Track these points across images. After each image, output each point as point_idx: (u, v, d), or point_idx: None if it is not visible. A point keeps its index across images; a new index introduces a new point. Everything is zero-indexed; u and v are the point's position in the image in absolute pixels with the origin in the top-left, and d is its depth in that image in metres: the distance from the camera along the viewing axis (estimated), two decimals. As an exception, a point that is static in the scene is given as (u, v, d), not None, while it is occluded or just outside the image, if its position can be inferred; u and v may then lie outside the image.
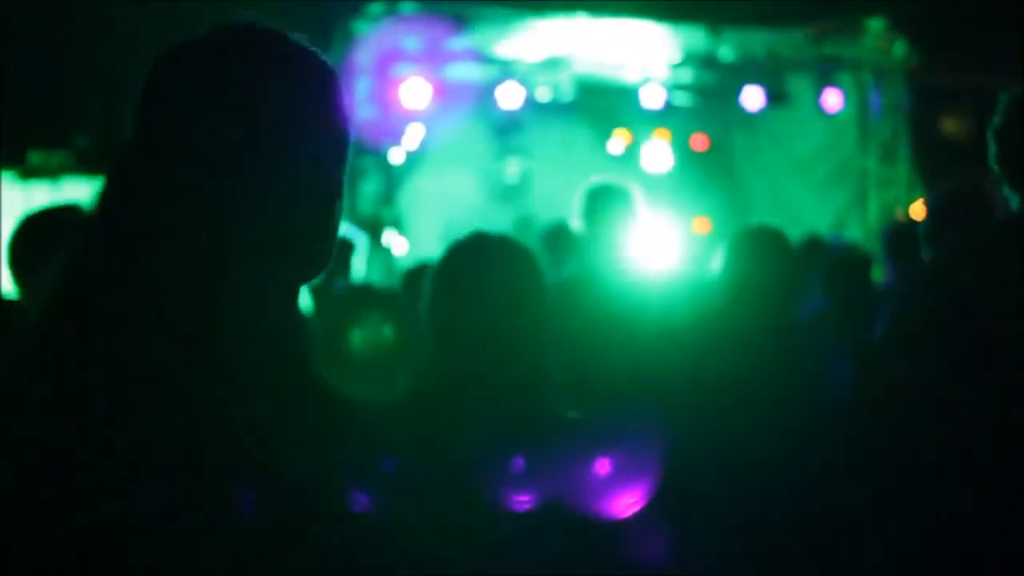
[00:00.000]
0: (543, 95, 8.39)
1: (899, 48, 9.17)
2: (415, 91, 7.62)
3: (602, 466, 1.75)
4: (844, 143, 9.66)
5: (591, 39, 8.33)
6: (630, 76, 8.62)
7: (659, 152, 9.20)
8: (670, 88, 8.72)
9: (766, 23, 8.57)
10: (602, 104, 9.18)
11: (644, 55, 8.55)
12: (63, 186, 6.82)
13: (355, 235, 4.82)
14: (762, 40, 8.73)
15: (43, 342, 1.05)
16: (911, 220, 6.12)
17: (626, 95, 8.70)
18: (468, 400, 1.85)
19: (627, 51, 8.49)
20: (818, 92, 8.79)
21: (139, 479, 0.96)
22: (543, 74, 8.32)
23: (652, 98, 8.55)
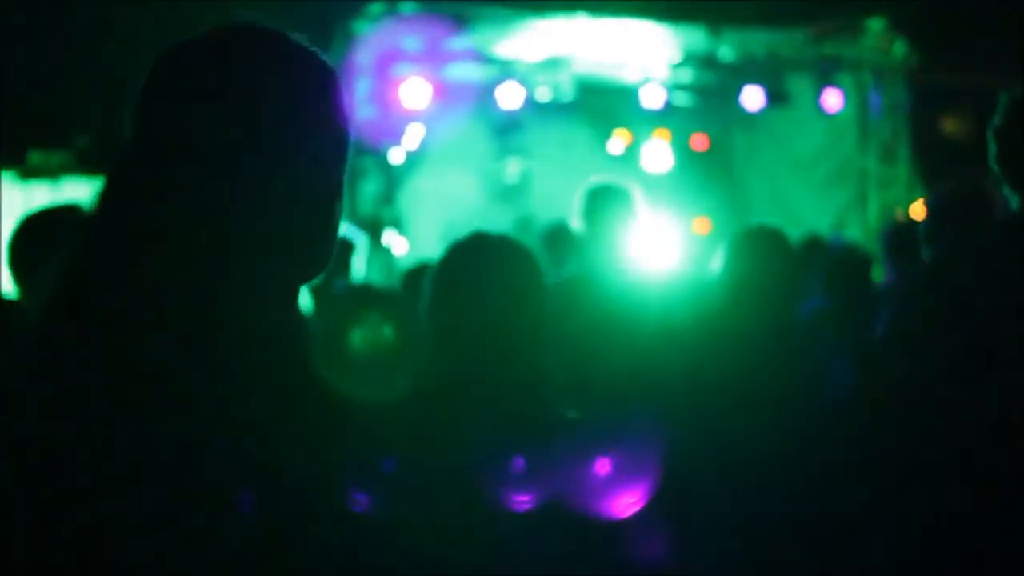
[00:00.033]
0: (543, 95, 8.39)
1: (899, 48, 9.17)
2: (415, 91, 7.62)
3: (602, 466, 1.75)
4: (844, 143, 9.66)
5: (591, 39, 8.33)
6: (630, 76, 8.62)
7: (659, 152, 9.20)
8: (670, 88, 8.72)
9: (766, 23, 8.56)
10: (602, 104, 9.18)
11: (644, 55, 8.55)
12: (63, 186, 6.82)
13: (355, 235, 4.82)
14: (762, 40, 8.73)
15: (43, 342, 1.05)
16: (911, 220, 6.12)
17: (626, 95, 8.70)
18: (468, 400, 1.85)
19: (627, 51, 8.49)
20: (818, 92, 8.79)
21: (139, 479, 0.96)
22: (543, 74, 8.32)
23: (652, 98, 8.55)
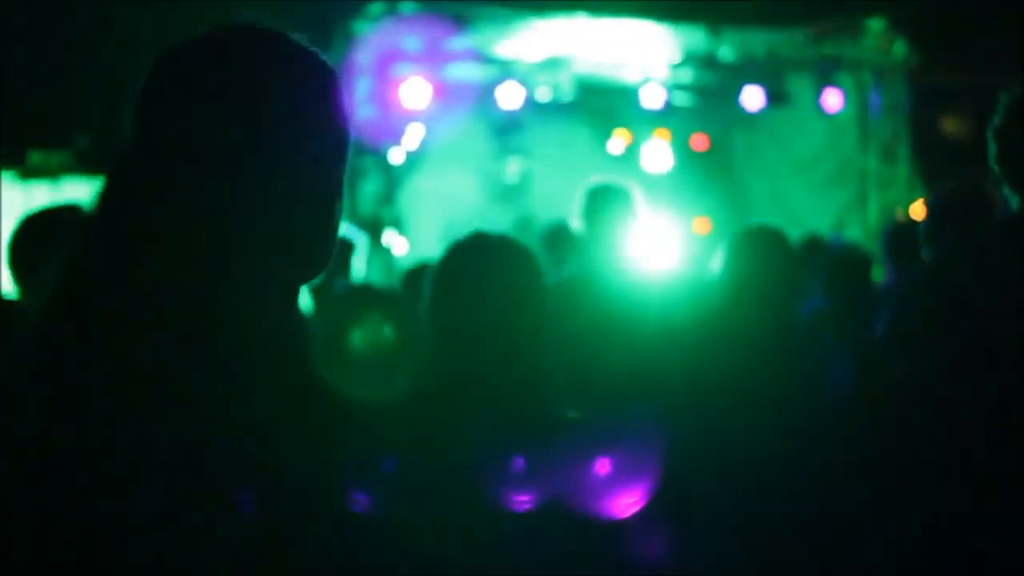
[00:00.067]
0: (543, 95, 8.39)
1: (899, 48, 9.17)
2: (415, 91, 7.62)
3: (602, 466, 1.75)
4: (844, 143, 9.66)
5: (591, 39, 8.33)
6: (630, 76, 8.62)
7: (659, 152, 9.20)
8: (670, 88, 8.72)
9: (766, 23, 8.56)
10: (602, 104, 9.18)
11: (644, 55, 8.55)
12: (63, 186, 6.82)
13: (355, 235, 4.82)
14: (762, 40, 8.73)
15: (43, 342, 1.05)
16: (911, 220, 6.12)
17: (626, 95, 8.70)
18: (468, 400, 1.85)
19: (627, 51, 8.49)
20: (818, 92, 8.79)
21: (139, 479, 0.96)
22: (543, 74, 8.32)
23: (652, 98, 8.55)
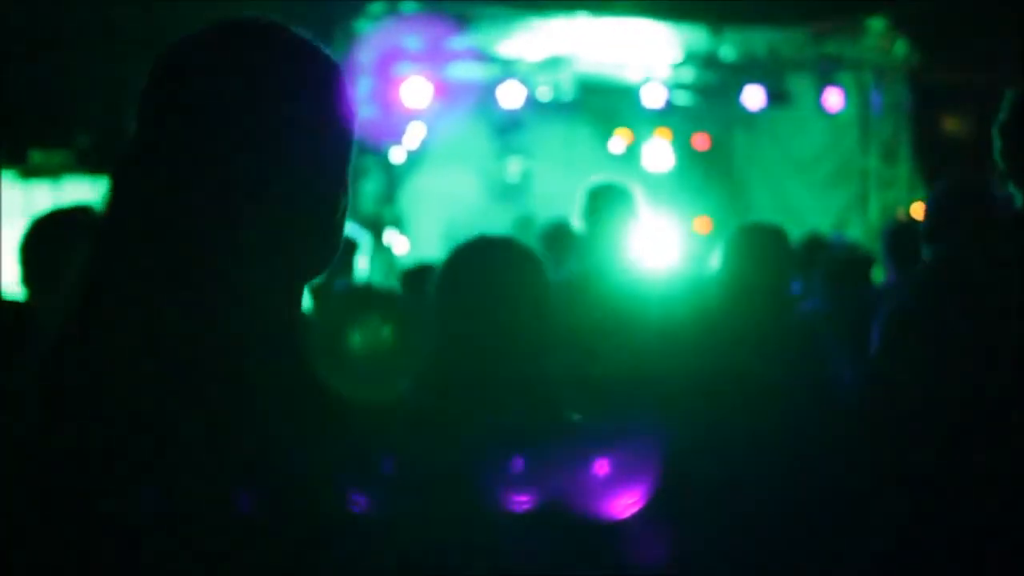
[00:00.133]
0: (544, 94, 8.39)
1: (900, 47, 9.17)
2: (416, 90, 7.62)
3: (602, 467, 1.75)
4: (845, 143, 9.66)
5: (592, 38, 8.33)
6: (631, 75, 8.62)
7: (660, 151, 9.20)
8: (671, 87, 8.72)
9: (767, 22, 8.56)
10: (603, 103, 9.18)
11: (645, 54, 8.55)
12: (64, 185, 6.82)
13: (358, 234, 4.82)
14: (763, 39, 8.73)
15: (44, 342, 1.05)
16: (912, 220, 6.12)
17: (627, 94, 8.70)
18: (469, 401, 1.85)
19: (628, 50, 8.49)
20: (819, 91, 8.78)
21: (139, 479, 0.96)
22: (544, 73, 8.32)
23: (653, 97, 8.55)
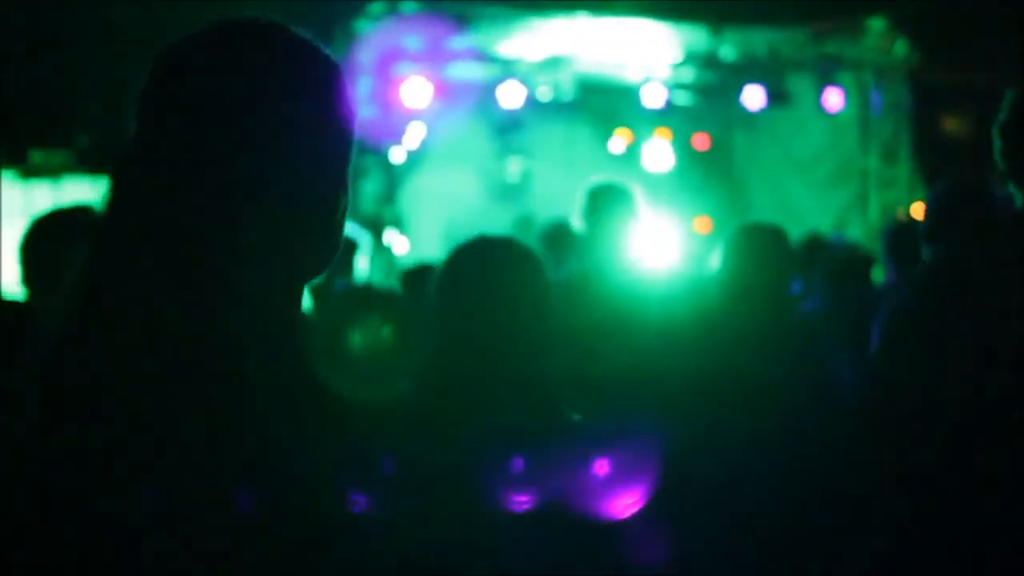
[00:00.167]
0: (544, 94, 8.39)
1: (900, 47, 9.17)
2: (416, 90, 7.62)
3: (602, 467, 1.75)
4: (845, 143, 9.66)
5: (592, 38, 8.33)
6: (631, 75, 8.62)
7: (660, 151, 9.20)
8: (671, 87, 8.72)
9: (767, 22, 8.56)
10: (603, 103, 9.18)
11: (645, 54, 8.55)
12: (64, 185, 6.82)
13: (358, 234, 4.82)
14: (763, 39, 8.73)
15: (44, 342, 1.05)
16: (912, 220, 6.12)
17: (627, 94, 8.70)
18: (469, 401, 1.85)
19: (628, 50, 8.49)
20: (819, 91, 8.79)
21: (139, 479, 0.96)
22: (544, 73, 8.32)
23: (653, 97, 8.55)
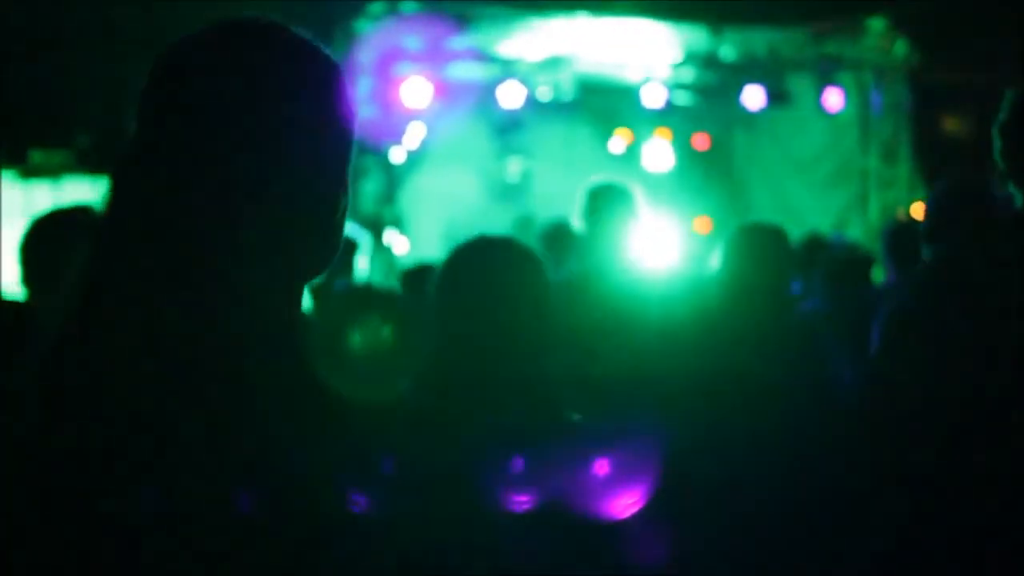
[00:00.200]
0: (544, 94, 8.39)
1: (900, 47, 9.17)
2: (416, 90, 7.62)
3: (602, 467, 1.75)
4: (845, 143, 9.66)
5: (592, 38, 8.33)
6: (631, 75, 8.62)
7: (660, 151, 9.20)
8: (671, 87, 8.72)
9: (767, 22, 8.56)
10: (603, 103, 9.18)
11: (645, 54, 8.55)
12: (64, 185, 6.82)
13: (358, 234, 4.82)
14: (763, 39, 8.73)
15: (44, 342, 1.05)
16: (912, 220, 6.12)
17: (627, 94, 8.70)
18: (470, 401, 1.85)
19: (628, 50, 8.49)
20: (819, 91, 8.79)
21: (139, 479, 0.96)
22: (544, 73, 8.32)
23: (653, 97, 8.56)
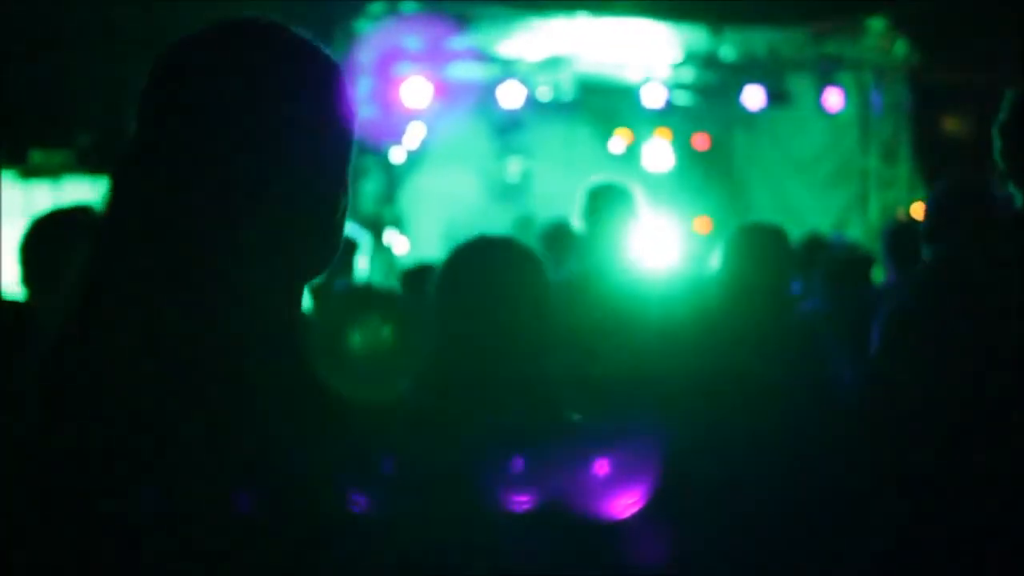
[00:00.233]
0: (544, 94, 8.39)
1: (900, 47, 9.17)
2: (416, 90, 7.62)
3: (602, 467, 1.75)
4: (845, 143, 9.66)
5: (592, 38, 8.33)
6: (631, 75, 8.62)
7: (660, 151, 9.20)
8: (671, 87, 8.72)
9: (767, 22, 8.56)
10: (603, 103, 9.19)
11: (645, 54, 8.55)
12: (64, 185, 6.82)
13: (359, 235, 4.82)
14: (763, 39, 8.73)
15: (44, 342, 1.05)
16: (912, 220, 6.12)
17: (627, 94, 8.70)
18: (470, 401, 1.85)
19: (628, 50, 8.49)
20: (819, 91, 8.78)
21: (139, 479, 0.96)
22: (544, 73, 8.32)
23: (653, 97, 8.56)
